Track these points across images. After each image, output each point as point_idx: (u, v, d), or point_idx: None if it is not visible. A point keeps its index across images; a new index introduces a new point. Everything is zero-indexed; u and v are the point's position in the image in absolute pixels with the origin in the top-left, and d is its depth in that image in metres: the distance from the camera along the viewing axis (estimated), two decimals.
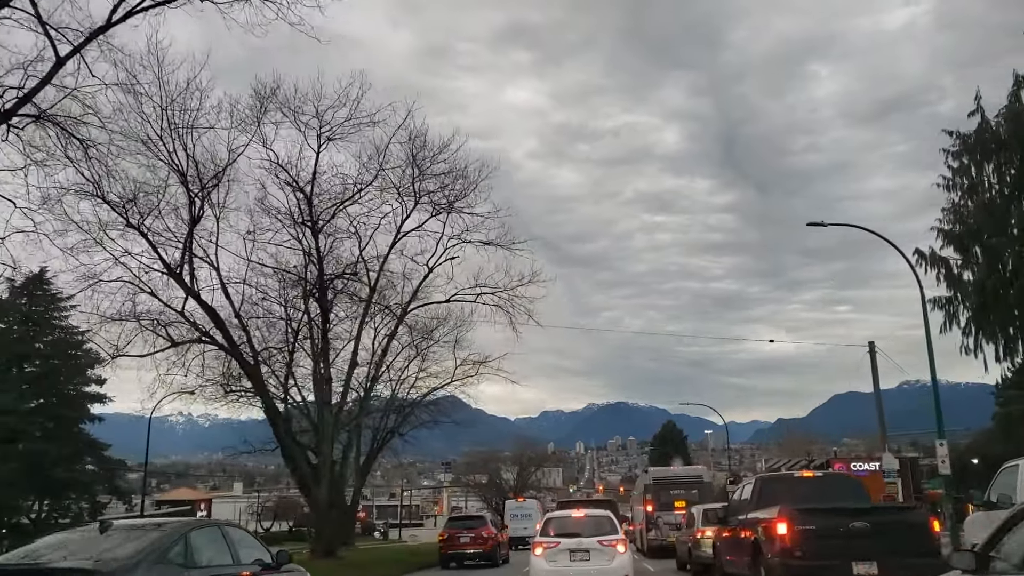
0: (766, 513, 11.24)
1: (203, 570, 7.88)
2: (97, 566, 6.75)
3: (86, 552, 7.28)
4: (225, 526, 9.30)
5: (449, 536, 26.23)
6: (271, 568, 9.14)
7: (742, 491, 13.65)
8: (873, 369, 30.63)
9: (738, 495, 13.93)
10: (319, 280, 22.50)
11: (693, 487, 30.99)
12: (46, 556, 7.51)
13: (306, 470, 22.27)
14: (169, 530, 8.04)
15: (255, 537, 10.03)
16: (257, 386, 22.05)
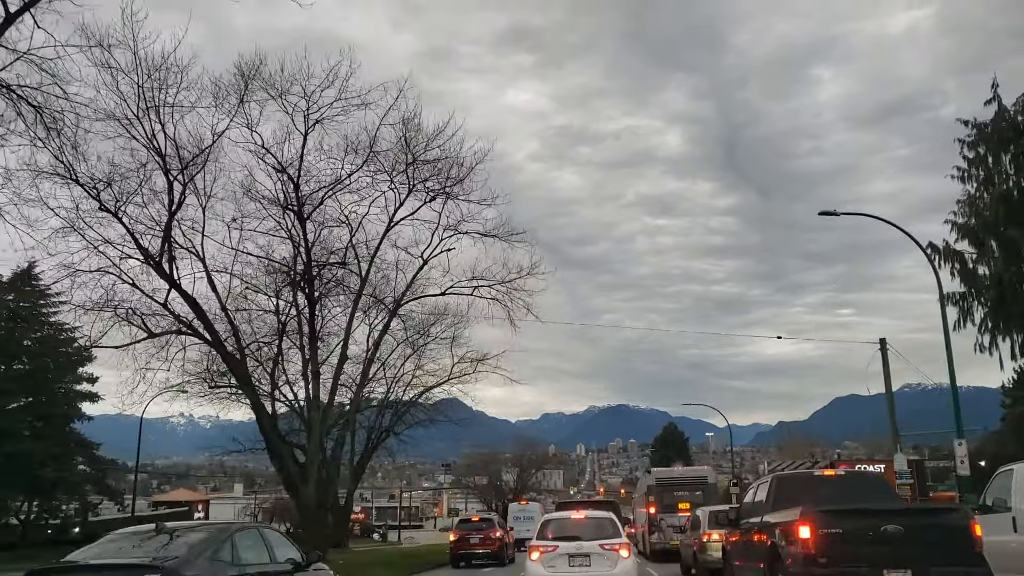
0: (785, 515, 10.17)
1: (246, 567, 8.72)
2: (157, 562, 7.70)
3: (146, 550, 8.25)
4: (263, 528, 10.44)
5: (460, 537, 27.89)
6: (301, 567, 9.99)
7: (756, 492, 12.55)
8: (884, 367, 29.59)
9: (751, 496, 12.84)
10: (306, 270, 21.40)
11: (697, 489, 30.07)
12: (112, 554, 8.45)
13: (293, 469, 21.20)
14: (216, 531, 9.06)
15: (288, 538, 10.94)
16: (241, 380, 20.99)
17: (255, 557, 9.04)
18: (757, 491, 12.47)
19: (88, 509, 51.61)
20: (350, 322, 23.59)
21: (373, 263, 23.40)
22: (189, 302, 19.99)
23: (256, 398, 21.48)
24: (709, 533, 18.66)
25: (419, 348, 36.83)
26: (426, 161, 22.30)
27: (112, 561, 8.15)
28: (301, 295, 22.02)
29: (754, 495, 12.59)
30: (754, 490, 12.80)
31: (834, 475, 11.43)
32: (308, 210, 21.24)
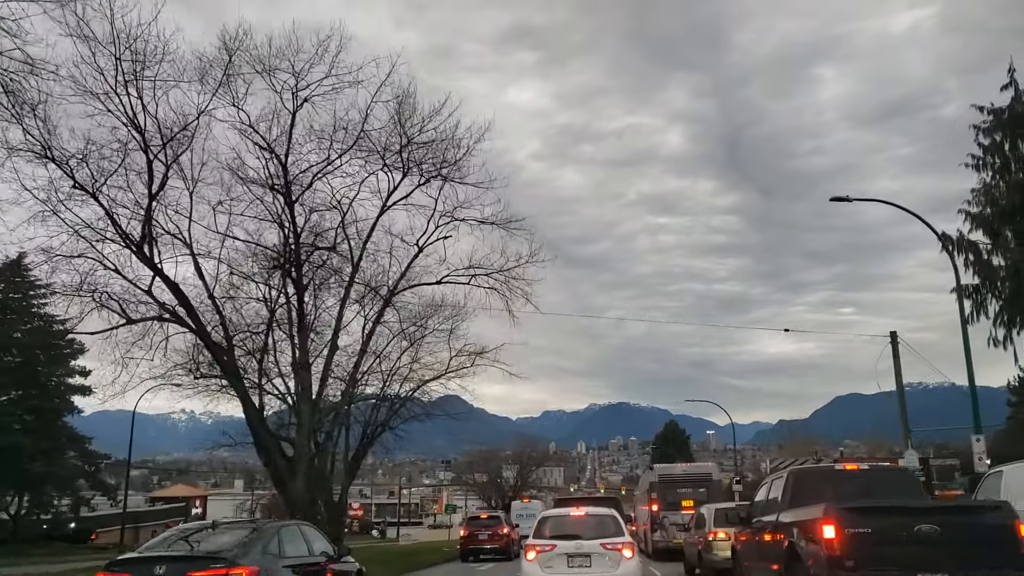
0: (805, 513, 9.27)
1: (289, 558, 10.14)
2: (223, 554, 9.15)
3: (208, 543, 9.74)
4: (301, 525, 11.77)
5: (469, 533, 30.49)
6: (333, 558, 11.53)
7: (770, 488, 11.62)
8: (895, 361, 28.62)
9: (764, 493, 11.92)
10: (295, 254, 20.43)
11: (701, 486, 29.27)
12: (178, 547, 9.86)
13: (280, 463, 20.29)
14: (266, 527, 10.52)
15: (322, 534, 12.33)
16: (226, 370, 20.05)
17: (296, 550, 10.51)
18: (771, 487, 11.54)
19: (80, 504, 50.81)
20: (341, 310, 22.69)
21: (366, 249, 22.46)
22: (172, 288, 19.08)
23: (243, 389, 20.56)
24: (715, 531, 17.90)
25: (416, 341, 35.94)
26: (421, 143, 21.34)
27: (183, 553, 9.65)
28: (290, 282, 21.02)
29: (768, 492, 11.66)
30: (767, 486, 11.86)
31: (857, 469, 10.47)
32: (296, 192, 20.28)
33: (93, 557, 38.10)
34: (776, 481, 11.36)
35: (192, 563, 9.16)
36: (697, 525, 20.18)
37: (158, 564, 9.17)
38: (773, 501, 11.07)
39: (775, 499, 10.97)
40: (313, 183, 20.63)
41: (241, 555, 9.21)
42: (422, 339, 35.88)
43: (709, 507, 20.09)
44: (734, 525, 13.04)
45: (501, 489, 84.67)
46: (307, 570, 10.45)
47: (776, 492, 11.04)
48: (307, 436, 20.48)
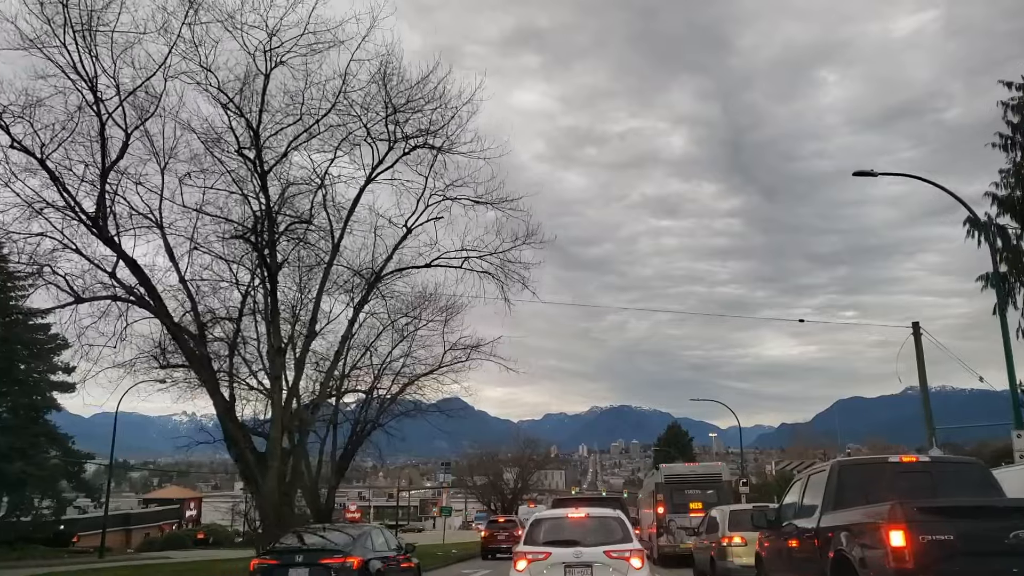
0: (860, 515, 7.45)
1: (377, 551, 13.74)
2: (339, 547, 12.99)
3: (323, 541, 13.71)
4: (382, 528, 16.46)
5: (489, 535, 36.02)
6: (402, 552, 15.27)
7: (805, 486, 9.75)
8: (918, 353, 26.70)
9: (797, 492, 10.04)
10: (268, 230, 18.54)
11: (710, 487, 27.60)
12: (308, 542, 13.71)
13: (251, 459, 18.44)
14: (362, 528, 15.05)
15: (395, 535, 16.27)
16: (190, 356, 18.21)
17: (380, 545, 14.26)
18: (807, 485, 9.67)
19: (63, 505, 48.92)
20: (319, 293, 20.81)
21: (348, 227, 20.54)
22: (130, 265, 17.25)
23: (209, 376, 18.73)
24: (730, 536, 16.33)
25: (409, 335, 34.17)
26: (407, 109, 19.44)
27: (311, 547, 13.23)
28: (263, 261, 19.12)
29: (802, 490, 9.78)
30: (802, 483, 9.97)
31: (916, 461, 8.57)
32: (270, 159, 18.42)
33: (66, 562, 36.39)
34: (814, 477, 9.49)
35: (321, 554, 12.87)
36: (709, 529, 18.55)
37: (297, 554, 12.88)
38: (811, 501, 9.23)
39: (814, 499, 9.13)
40: (288, 152, 18.79)
41: (351, 549, 13.06)
42: (415, 332, 34.16)
43: (722, 509, 18.51)
44: (760, 529, 11.10)
45: (501, 492, 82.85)
46: (388, 560, 14.11)
47: (815, 491, 9.19)
48: (280, 430, 18.59)
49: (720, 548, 16.67)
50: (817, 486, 9.16)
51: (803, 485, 9.86)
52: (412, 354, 34.39)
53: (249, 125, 17.71)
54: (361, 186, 20.11)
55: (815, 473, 9.59)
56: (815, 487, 9.29)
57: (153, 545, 59.83)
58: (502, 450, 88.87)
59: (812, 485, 9.47)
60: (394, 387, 34.22)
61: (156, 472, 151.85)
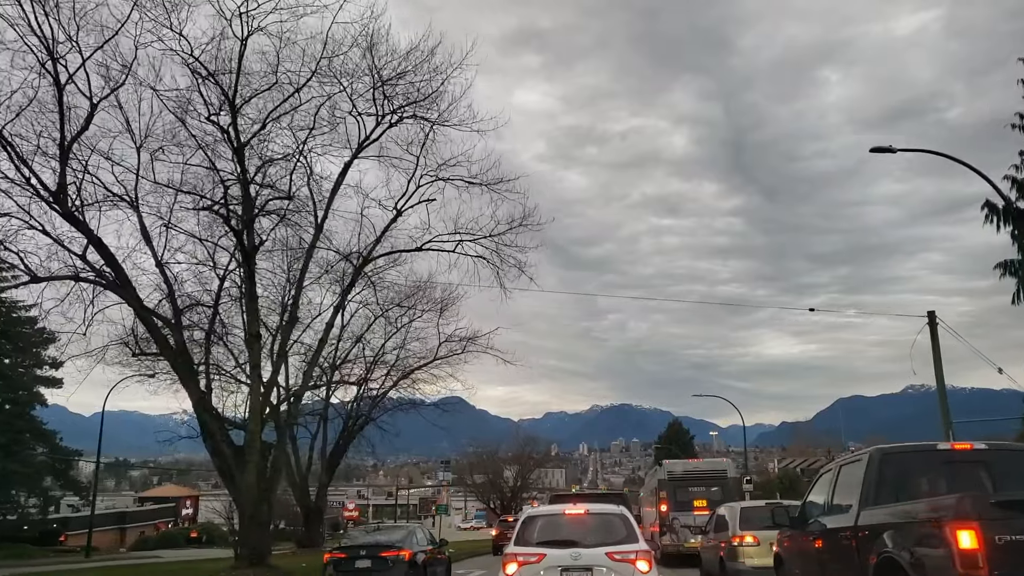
0: (914, 510, 6.22)
1: (421, 546, 16.63)
2: (394, 543, 15.83)
3: (381, 538, 16.60)
4: (423, 527, 19.93)
5: (501, 532, 35.52)
6: (438, 547, 18.08)
7: (836, 478, 8.48)
8: (933, 343, 25.44)
9: (826, 485, 8.78)
10: (245, 207, 17.30)
11: (715, 484, 26.37)
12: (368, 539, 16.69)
13: (227, 452, 17.21)
14: (408, 527, 18.25)
15: (429, 530, 19.45)
16: (160, 342, 16.98)
17: (423, 541, 16.98)
18: (838, 478, 8.41)
19: (49, 503, 47.66)
20: (301, 276, 19.58)
21: (332, 205, 19.30)
22: (94, 242, 16.05)
23: (187, 365, 17.51)
24: (742, 535, 15.05)
25: (403, 326, 33.07)
26: (395, 81, 18.18)
27: (371, 542, 16.07)
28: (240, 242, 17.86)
29: (832, 484, 8.52)
30: (831, 476, 8.70)
31: (971, 449, 7.29)
32: (247, 132, 17.17)
33: (47, 562, 35.16)
34: (847, 469, 8.23)
35: (380, 548, 15.56)
36: (717, 528, 17.20)
37: (361, 549, 15.60)
38: (844, 496, 8.00)
39: (848, 494, 7.90)
40: (267, 124, 17.53)
41: (402, 544, 15.79)
42: (409, 324, 33.03)
43: (732, 506, 17.19)
44: (781, 528, 9.81)
45: (501, 490, 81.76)
46: (428, 552, 16.70)
47: (849, 484, 7.94)
48: (259, 421, 17.36)
49: (730, 548, 15.41)
50: (851, 479, 7.88)
51: (833, 478, 8.58)
52: (406, 346, 33.35)
53: (223, 92, 16.45)
54: (346, 162, 18.86)
55: (848, 464, 8.29)
56: (848, 480, 8.01)
57: (146, 544, 58.74)
58: (502, 448, 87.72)
59: (845, 478, 8.18)
60: (387, 380, 33.16)
61: (156, 471, 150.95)
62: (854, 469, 7.94)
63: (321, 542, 32.98)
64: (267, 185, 17.56)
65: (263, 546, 17.38)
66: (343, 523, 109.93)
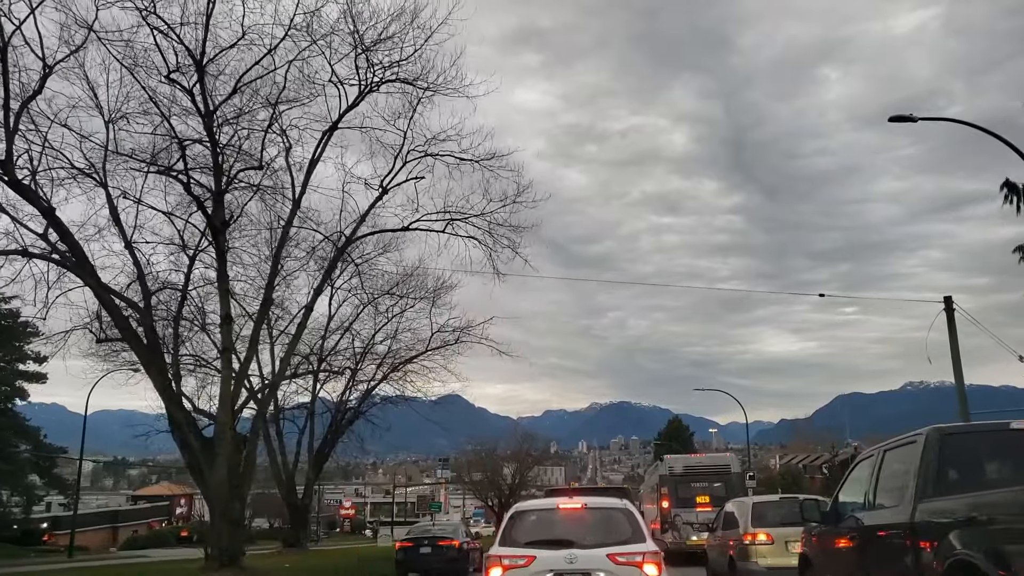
0: (1003, 501, 4.91)
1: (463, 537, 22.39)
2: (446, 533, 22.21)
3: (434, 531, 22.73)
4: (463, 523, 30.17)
5: None
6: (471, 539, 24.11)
7: (878, 466, 7.14)
8: (951, 332, 24.16)
9: (866, 475, 7.45)
10: (216, 179, 15.96)
11: (718, 479, 25.43)
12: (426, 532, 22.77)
13: (195, 445, 15.91)
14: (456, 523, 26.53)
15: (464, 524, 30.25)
16: (118, 321, 15.65)
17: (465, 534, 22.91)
18: (881, 466, 7.07)
19: (33, 500, 46.33)
20: (277, 254, 18.26)
21: (310, 181, 17.93)
22: (46, 215, 14.73)
23: (155, 350, 16.20)
24: (754, 533, 13.91)
25: (394, 316, 31.76)
26: (377, 42, 16.82)
27: (430, 535, 21.91)
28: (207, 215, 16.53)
29: (874, 473, 7.17)
30: (872, 464, 7.33)
31: None
32: (215, 92, 15.81)
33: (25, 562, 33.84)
34: (893, 455, 6.90)
35: (438, 538, 21.06)
36: (726, 525, 16.02)
37: (424, 539, 21.03)
38: (891, 487, 6.69)
39: (896, 484, 6.59)
40: (238, 88, 16.16)
41: (453, 535, 21.49)
42: (401, 314, 31.73)
43: (742, 502, 16.04)
44: (809, 524, 8.47)
45: (499, 488, 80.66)
46: (467, 543, 22.09)
47: (896, 473, 6.62)
48: (230, 411, 16.03)
49: (741, 547, 14.23)
50: (900, 467, 6.56)
51: (874, 467, 7.22)
52: (397, 337, 32.05)
53: (190, 53, 15.09)
54: (324, 131, 17.50)
55: (894, 449, 6.92)
56: (896, 469, 6.69)
57: (135, 543, 57.51)
58: (500, 446, 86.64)
59: (891, 466, 6.86)
60: (378, 373, 31.88)
61: (155, 469, 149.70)
62: (904, 455, 6.59)
63: (314, 541, 31.68)
64: (235, 147, 16.12)
65: (235, 546, 16.07)
66: (340, 521, 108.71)
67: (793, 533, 12.61)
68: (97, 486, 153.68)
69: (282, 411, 29.59)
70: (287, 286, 28.82)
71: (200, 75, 15.16)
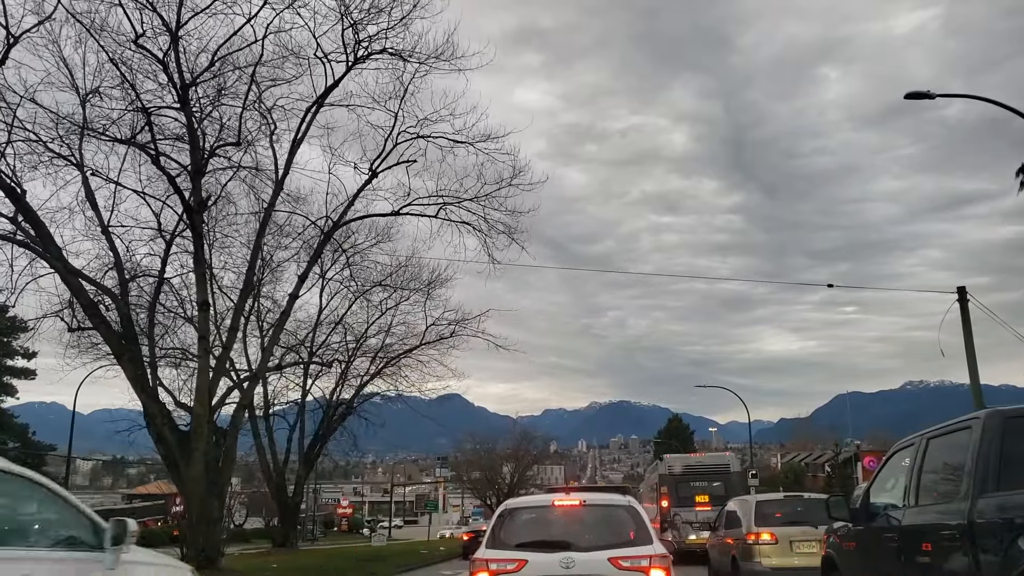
0: None
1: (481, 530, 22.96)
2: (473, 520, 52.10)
3: None
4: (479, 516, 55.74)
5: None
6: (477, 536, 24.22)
7: (920, 457, 6.23)
8: (964, 324, 23.27)
9: (905, 467, 6.55)
10: (193, 158, 15.04)
11: (717, 479, 25.56)
12: None
13: (171, 439, 14.99)
14: None
15: None
16: (86, 306, 14.73)
17: None
18: (924, 457, 6.15)
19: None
20: (259, 237, 17.30)
21: (294, 159, 17.03)
22: (6, 191, 13.80)
23: (132, 336, 15.31)
24: (758, 532, 13.37)
25: (387, 309, 30.90)
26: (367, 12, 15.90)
27: None
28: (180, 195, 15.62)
29: (915, 464, 6.24)
30: (913, 453, 6.40)
31: None
32: (193, 69, 14.89)
33: None
34: (937, 443, 6.01)
35: None
36: (728, 524, 15.45)
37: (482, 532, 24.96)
38: (940, 481, 5.80)
39: (943, 478, 5.71)
40: (216, 63, 15.23)
41: None
42: (395, 307, 30.93)
43: (746, 500, 15.61)
44: (839, 520, 7.55)
45: (497, 487, 79.92)
46: None
47: (942, 464, 5.76)
48: (207, 404, 15.12)
49: (744, 547, 13.70)
50: (951, 458, 5.68)
51: (915, 457, 6.29)
52: (391, 331, 31.23)
53: (163, 20, 14.16)
54: (309, 106, 16.59)
55: (941, 436, 6.02)
56: (945, 460, 5.82)
57: None
58: (499, 444, 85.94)
59: (938, 456, 5.97)
60: (371, 367, 31.05)
61: (154, 467, 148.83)
62: (954, 443, 5.68)
63: (309, 540, 30.81)
64: (213, 120, 15.18)
65: (213, 546, 15.15)
66: (337, 520, 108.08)
67: (799, 533, 12.62)
68: (95, 485, 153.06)
69: (272, 407, 28.77)
70: (277, 279, 28.08)
71: (174, 43, 14.23)
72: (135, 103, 14.76)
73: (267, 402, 28.93)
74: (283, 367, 24.03)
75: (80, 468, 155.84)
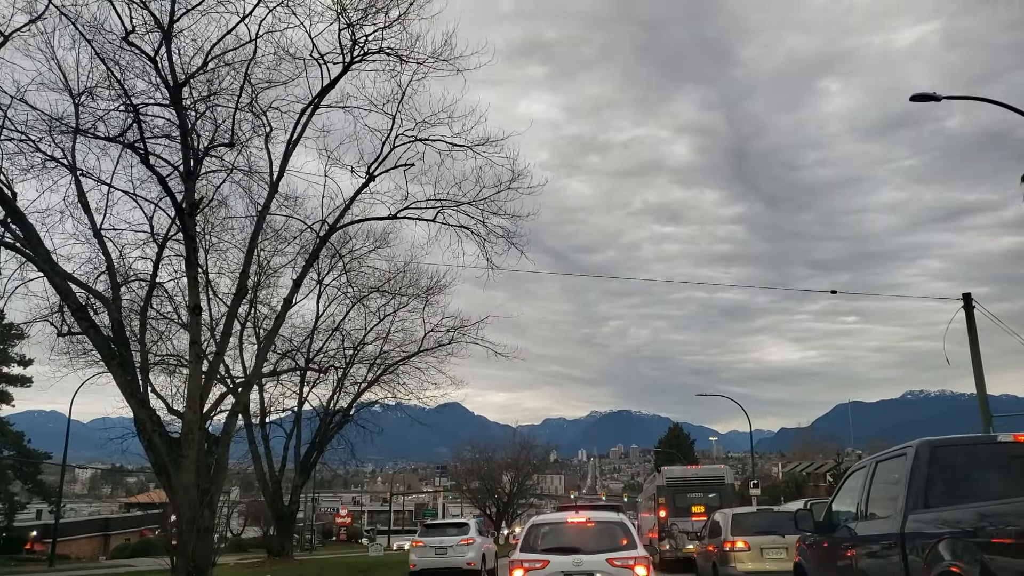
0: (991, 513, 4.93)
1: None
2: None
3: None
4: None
5: None
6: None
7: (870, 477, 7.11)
8: (970, 330, 23.01)
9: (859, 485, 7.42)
10: (185, 158, 14.86)
11: (712, 490, 26.53)
12: None
13: (160, 444, 14.76)
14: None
15: None
16: (75, 310, 14.53)
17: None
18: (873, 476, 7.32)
19: (15, 508, 44.99)
20: (252, 240, 17.13)
21: (288, 163, 16.84)
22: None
23: (122, 341, 15.09)
24: (733, 541, 15.00)
25: (385, 316, 30.69)
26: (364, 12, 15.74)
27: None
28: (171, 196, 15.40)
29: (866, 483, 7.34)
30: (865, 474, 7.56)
31: None
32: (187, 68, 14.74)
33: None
34: (885, 466, 6.69)
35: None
36: (711, 533, 16.86)
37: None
38: (883, 498, 6.56)
39: (887, 495, 6.46)
40: (208, 62, 15.08)
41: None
42: (393, 313, 30.72)
43: (725, 512, 17.05)
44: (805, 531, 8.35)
45: (497, 496, 79.46)
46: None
47: (887, 484, 6.49)
48: (199, 409, 14.90)
49: (722, 553, 15.06)
50: (892, 478, 6.45)
51: (866, 477, 7.03)
52: (389, 338, 31.00)
53: (154, 17, 13.99)
54: (304, 107, 16.42)
55: (886, 460, 6.77)
56: (888, 480, 6.56)
57: (125, 552, 56.24)
58: (499, 453, 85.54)
59: (883, 477, 6.72)
60: (369, 375, 30.83)
61: (153, 476, 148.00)
62: (894, 466, 6.46)
63: (307, 550, 30.48)
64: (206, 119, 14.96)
65: (205, 556, 14.90)
66: (336, 529, 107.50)
67: (768, 541, 14.16)
68: (94, 493, 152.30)
69: (268, 414, 28.56)
70: (274, 285, 27.92)
71: (166, 41, 14.08)
72: (123, 99, 14.57)
73: (263, 410, 28.73)
74: (279, 373, 23.82)
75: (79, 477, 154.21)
